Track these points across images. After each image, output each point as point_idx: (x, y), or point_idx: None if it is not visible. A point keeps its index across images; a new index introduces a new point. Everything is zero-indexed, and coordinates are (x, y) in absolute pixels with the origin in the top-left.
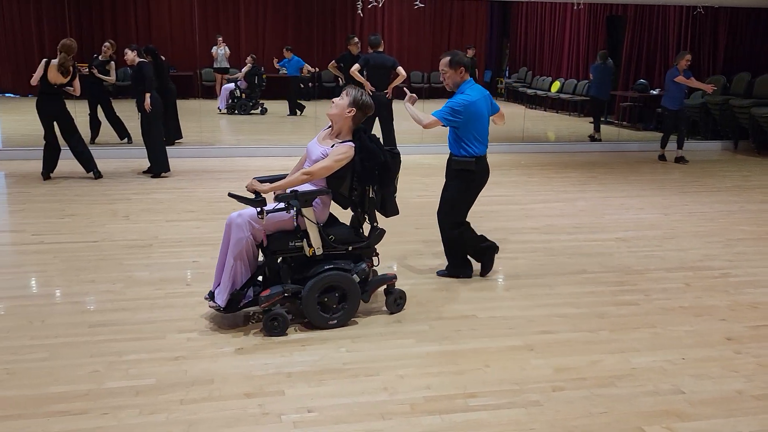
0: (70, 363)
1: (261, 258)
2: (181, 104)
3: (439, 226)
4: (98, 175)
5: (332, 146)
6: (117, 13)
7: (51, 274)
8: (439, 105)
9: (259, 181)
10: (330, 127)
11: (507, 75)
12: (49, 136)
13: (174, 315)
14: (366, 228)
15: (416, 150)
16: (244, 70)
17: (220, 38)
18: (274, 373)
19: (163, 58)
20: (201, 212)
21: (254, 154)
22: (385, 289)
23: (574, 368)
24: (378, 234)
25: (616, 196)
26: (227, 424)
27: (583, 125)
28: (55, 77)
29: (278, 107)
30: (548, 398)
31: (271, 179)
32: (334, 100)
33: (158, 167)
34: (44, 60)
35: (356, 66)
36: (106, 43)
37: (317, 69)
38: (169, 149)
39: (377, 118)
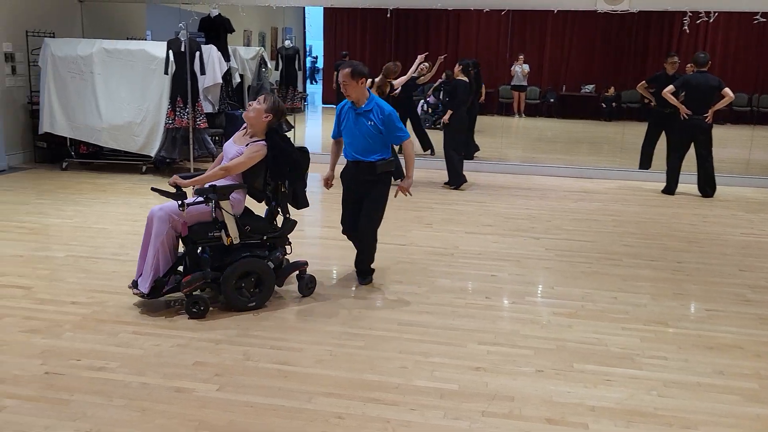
0: (382, 355)
1: (181, 248)
2: (479, 119)
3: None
4: None
5: (246, 145)
6: (430, 30)
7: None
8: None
9: (181, 177)
10: (245, 128)
11: None
12: None
13: (474, 325)
14: (279, 220)
15: (740, 182)
16: (434, 86)
17: (522, 56)
18: (577, 403)
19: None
20: (498, 227)
21: (549, 173)
22: (297, 275)
23: None
24: (290, 225)
25: None
26: None
27: None
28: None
29: (572, 126)
30: None
31: (193, 176)
32: (251, 103)
33: (456, 180)
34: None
35: (670, 87)
36: (425, 64)
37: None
38: (469, 163)
39: (693, 143)
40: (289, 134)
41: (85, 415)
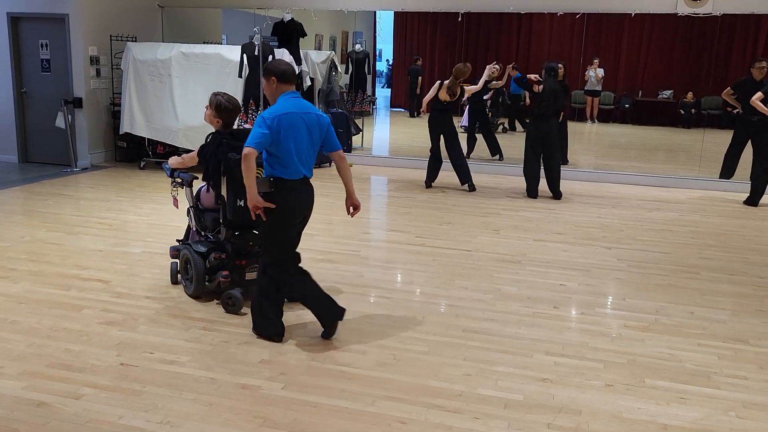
0: (446, 362)
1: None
2: None
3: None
4: (472, 188)
5: None
6: (501, 34)
7: (431, 276)
8: None
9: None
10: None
11: None
12: (435, 148)
13: (541, 335)
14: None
15: None
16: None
17: (596, 60)
18: (648, 420)
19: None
20: (568, 235)
21: (623, 180)
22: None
23: None
24: (225, 234)
25: None
26: None
27: None
28: (443, 96)
29: (648, 133)
30: None
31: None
32: (207, 105)
33: (527, 188)
34: (438, 82)
35: (759, 94)
36: (496, 66)
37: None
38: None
39: None
40: (357, 137)
41: (156, 407)
